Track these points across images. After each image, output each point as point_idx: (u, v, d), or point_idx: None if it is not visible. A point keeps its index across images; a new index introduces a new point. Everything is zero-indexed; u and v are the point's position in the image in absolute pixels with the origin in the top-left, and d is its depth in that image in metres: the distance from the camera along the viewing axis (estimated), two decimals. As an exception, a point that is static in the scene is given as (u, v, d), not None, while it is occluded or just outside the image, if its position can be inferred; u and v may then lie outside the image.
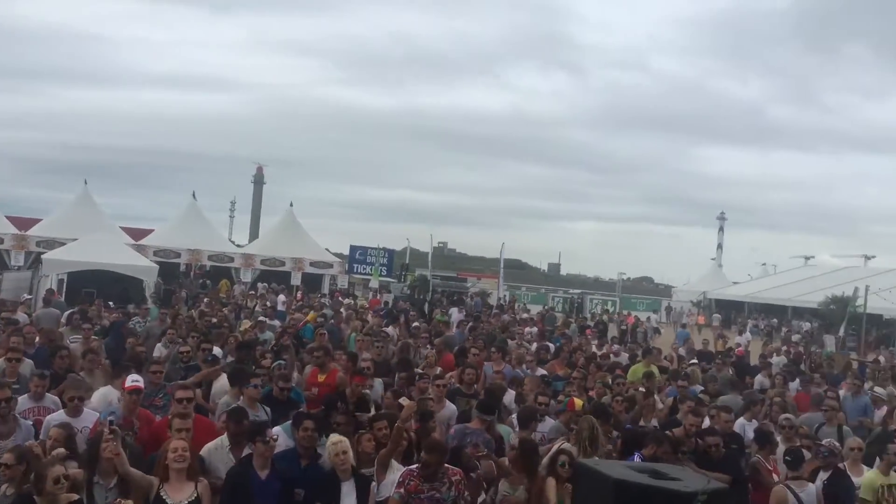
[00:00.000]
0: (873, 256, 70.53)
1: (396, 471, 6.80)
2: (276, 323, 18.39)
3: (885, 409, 12.52)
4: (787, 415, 10.06)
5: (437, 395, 9.57)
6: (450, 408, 9.55)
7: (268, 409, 8.52)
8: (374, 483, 6.88)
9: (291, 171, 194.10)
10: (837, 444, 8.85)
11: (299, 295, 33.00)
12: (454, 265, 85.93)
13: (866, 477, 8.47)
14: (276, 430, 7.31)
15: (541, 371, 12.85)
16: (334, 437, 7.05)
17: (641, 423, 9.69)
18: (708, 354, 19.97)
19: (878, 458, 8.86)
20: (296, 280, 40.74)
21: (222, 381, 9.62)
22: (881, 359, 25.89)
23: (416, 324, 19.73)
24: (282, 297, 29.80)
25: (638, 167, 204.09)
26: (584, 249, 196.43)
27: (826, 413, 10.85)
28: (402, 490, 6.29)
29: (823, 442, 8.89)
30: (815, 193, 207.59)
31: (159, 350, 12.63)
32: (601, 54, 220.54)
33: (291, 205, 46.59)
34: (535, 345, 17.26)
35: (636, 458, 7.47)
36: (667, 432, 8.38)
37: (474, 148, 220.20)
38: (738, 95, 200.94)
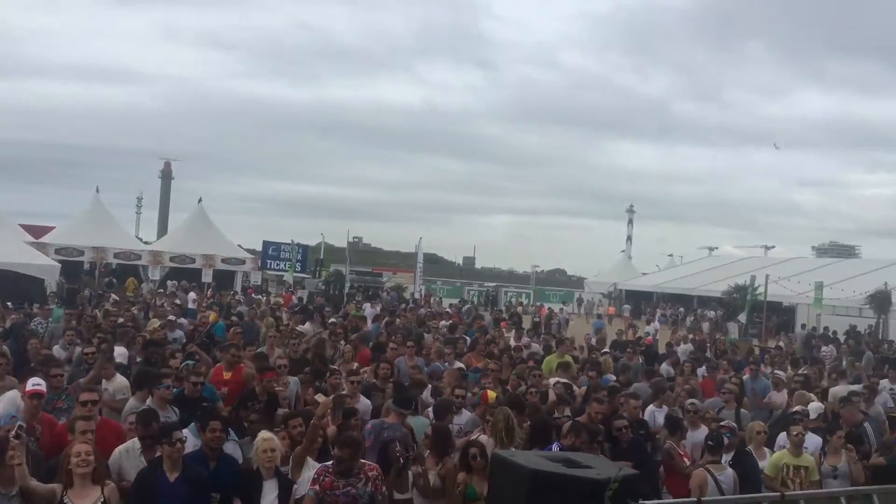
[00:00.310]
0: (773, 246, 74.10)
1: (312, 468, 6.71)
2: (185, 321, 17.90)
3: (785, 391, 13.07)
4: (693, 400, 10.38)
5: (352, 390, 9.53)
6: (364, 402, 9.52)
7: (176, 410, 8.30)
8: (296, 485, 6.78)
9: (202, 166, 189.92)
10: (734, 423, 9.21)
11: (209, 293, 32.25)
12: (370, 260, 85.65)
13: (774, 455, 8.85)
14: (186, 430, 7.10)
15: (458, 364, 12.89)
16: (265, 433, 6.92)
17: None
18: (623, 344, 20.45)
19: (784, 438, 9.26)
20: (207, 277, 39.76)
21: (118, 382, 9.36)
22: (781, 344, 27.07)
23: (332, 320, 19.58)
24: (192, 295, 29.09)
25: (550, 161, 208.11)
26: (498, 243, 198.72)
27: (724, 396, 11.37)
28: (316, 487, 6.20)
29: (724, 423, 9.24)
30: (717, 186, 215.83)
31: (58, 352, 12.14)
32: (513, 50, 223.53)
33: (200, 200, 45.41)
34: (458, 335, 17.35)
35: (555, 447, 7.58)
36: (577, 419, 8.56)
37: (389, 142, 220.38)
38: (644, 91, 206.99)
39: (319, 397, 8.08)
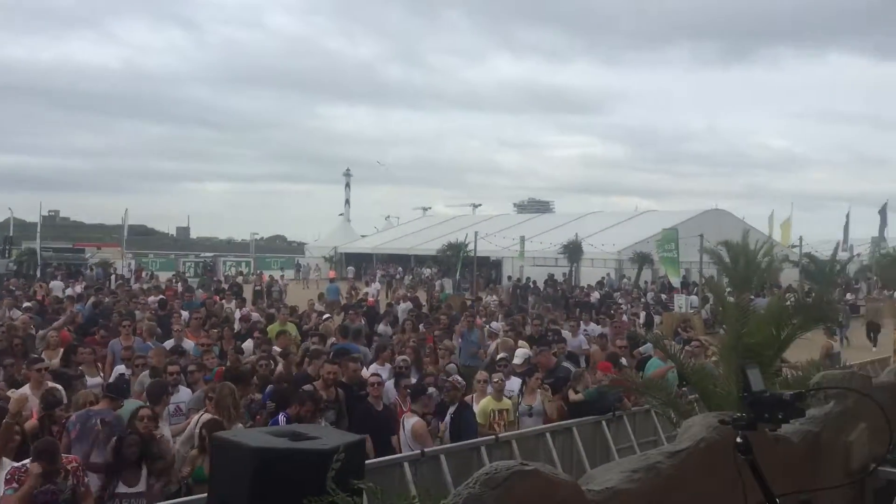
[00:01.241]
0: (479, 205, 78.91)
1: (6, 467, 6.06)
2: None
3: (497, 341, 14.01)
4: (404, 356, 10.83)
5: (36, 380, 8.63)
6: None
7: None
8: None
9: None
10: (460, 378, 9.70)
11: None
12: (69, 235, 78.38)
13: (481, 403, 9.45)
14: None
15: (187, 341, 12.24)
16: None
17: None
18: (347, 306, 20.66)
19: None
20: None
21: None
22: (492, 297, 29.05)
23: (27, 304, 17.70)
24: None
25: (265, 125, 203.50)
26: (214, 211, 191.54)
27: (441, 353, 12.04)
28: (14, 485, 5.65)
29: (450, 378, 9.70)
30: (428, 148, 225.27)
31: None
32: (215, 10, 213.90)
33: None
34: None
35: (281, 418, 7.47)
36: (305, 387, 8.49)
37: (85, 106, 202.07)
38: (355, 55, 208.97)
39: (12, 393, 7.23)
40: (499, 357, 11.75)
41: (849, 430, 4.03)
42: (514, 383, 10.31)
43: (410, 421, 8.28)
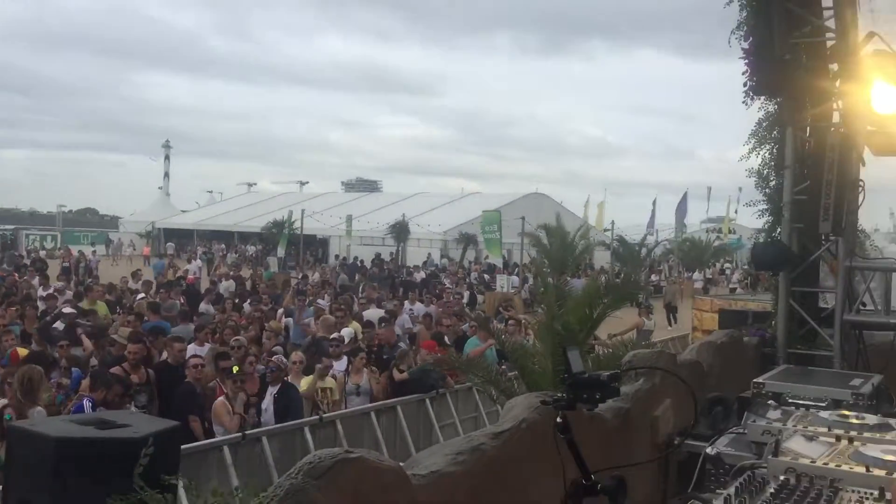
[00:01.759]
0: (307, 182, 77.85)
1: None
2: None
3: (323, 318, 13.86)
4: (238, 337, 10.46)
5: None
6: None
7: None
8: None
9: None
10: (285, 360, 9.52)
11: None
12: None
13: (305, 380, 9.40)
14: None
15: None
16: None
17: None
18: (166, 284, 19.68)
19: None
20: None
21: None
22: (317, 275, 28.70)
23: None
24: None
25: (76, 92, 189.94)
26: (16, 181, 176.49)
27: (266, 333, 11.72)
28: None
29: (273, 358, 9.50)
30: (255, 123, 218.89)
31: None
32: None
33: None
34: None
35: (86, 403, 6.99)
36: (113, 369, 8.02)
37: None
38: (177, 23, 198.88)
39: None
40: (320, 336, 11.64)
41: (656, 405, 4.30)
42: (341, 363, 10.26)
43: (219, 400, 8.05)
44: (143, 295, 16.54)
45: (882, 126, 5.70)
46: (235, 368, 8.63)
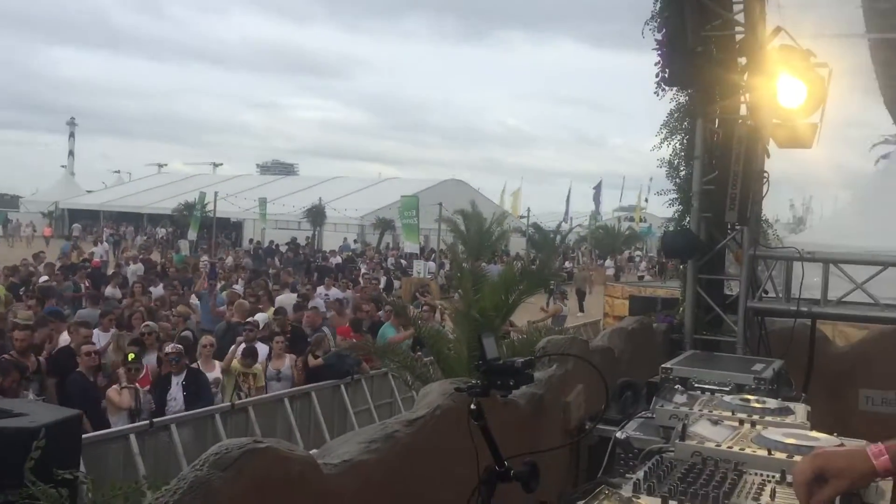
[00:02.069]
0: (221, 164, 76.06)
1: None
2: None
3: (236, 303, 13.58)
4: (148, 322, 10.17)
5: None
6: None
7: None
8: None
9: None
10: (180, 346, 9.29)
11: None
12: None
13: (229, 365, 9.25)
14: None
15: None
16: None
17: None
18: (71, 267, 18.95)
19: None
20: None
21: None
22: (229, 258, 28.09)
23: None
24: None
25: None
26: None
27: (174, 319, 11.42)
28: None
29: (170, 347, 9.26)
30: (166, 102, 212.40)
31: None
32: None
33: None
34: None
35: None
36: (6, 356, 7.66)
37: None
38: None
39: None
40: (235, 321, 11.42)
41: (568, 391, 4.36)
42: (263, 349, 10.08)
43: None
44: (45, 278, 15.88)
45: (786, 119, 5.89)
46: (131, 356, 8.33)
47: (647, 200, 54.35)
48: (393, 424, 2.89)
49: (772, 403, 3.24)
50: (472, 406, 2.22)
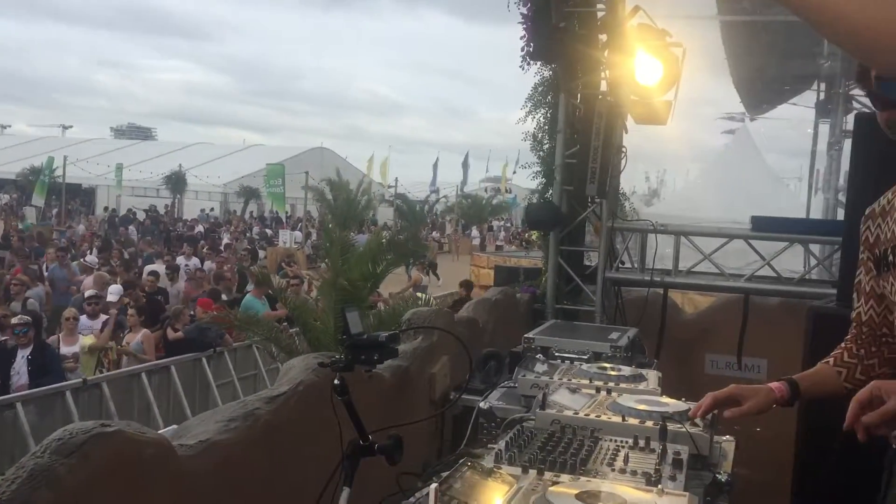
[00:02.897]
0: (71, 126, 71.70)
1: None
2: None
3: (93, 276, 12.92)
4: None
5: None
6: None
7: None
8: None
9: None
10: (27, 317, 8.84)
11: None
12: None
13: (84, 340, 8.91)
14: None
15: None
16: None
17: None
18: None
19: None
20: None
21: None
22: (82, 227, 26.62)
23: None
24: None
25: None
26: None
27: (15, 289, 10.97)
28: None
29: (16, 318, 8.77)
30: (9, 61, 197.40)
31: None
32: None
33: None
34: None
35: None
36: None
37: None
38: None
39: None
40: (88, 294, 10.86)
41: (433, 363, 4.38)
42: (98, 322, 9.71)
43: None
44: None
45: (643, 96, 6.10)
46: None
47: (514, 172, 55.44)
48: (253, 402, 2.81)
49: (626, 371, 3.37)
50: (336, 381, 2.19)
